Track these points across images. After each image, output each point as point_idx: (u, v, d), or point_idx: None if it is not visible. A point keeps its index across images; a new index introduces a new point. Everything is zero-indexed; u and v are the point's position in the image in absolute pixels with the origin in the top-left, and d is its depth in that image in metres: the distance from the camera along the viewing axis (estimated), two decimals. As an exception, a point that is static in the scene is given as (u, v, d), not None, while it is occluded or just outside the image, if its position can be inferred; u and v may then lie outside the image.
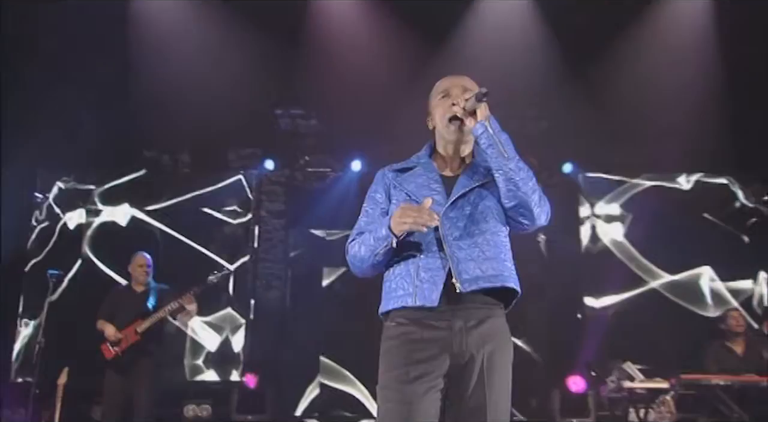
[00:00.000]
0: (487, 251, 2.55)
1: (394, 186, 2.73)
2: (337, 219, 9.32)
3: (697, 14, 7.72)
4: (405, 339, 2.51)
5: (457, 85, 2.76)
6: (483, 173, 2.70)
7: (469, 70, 8.06)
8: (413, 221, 2.42)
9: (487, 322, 2.53)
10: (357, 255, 2.62)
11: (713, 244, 9.43)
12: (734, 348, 6.92)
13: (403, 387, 2.44)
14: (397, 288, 2.56)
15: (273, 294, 9.22)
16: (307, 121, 9.53)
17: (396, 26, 7.84)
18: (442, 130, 2.74)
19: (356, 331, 9.01)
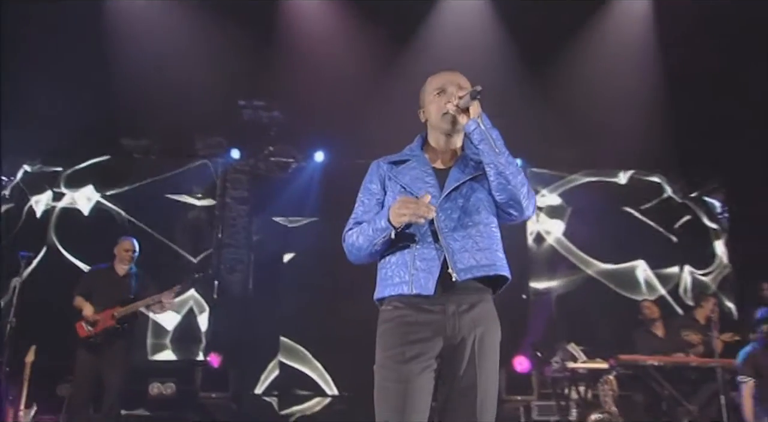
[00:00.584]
0: (480, 242, 2.57)
1: (389, 178, 2.73)
2: (298, 208, 9.40)
3: (639, 21, 7.81)
4: (400, 321, 2.53)
5: (452, 82, 2.75)
6: (473, 167, 2.72)
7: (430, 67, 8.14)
8: (412, 213, 2.44)
9: (478, 306, 2.56)
10: (355, 245, 2.64)
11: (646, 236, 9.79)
12: (656, 332, 7.33)
13: (400, 366, 2.47)
14: (393, 276, 2.58)
15: (236, 278, 9.16)
16: (270, 112, 9.42)
17: (360, 24, 7.82)
18: (437, 124, 2.75)
19: (315, 314, 9.13)
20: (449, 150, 2.79)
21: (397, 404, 2.45)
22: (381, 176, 2.77)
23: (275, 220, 9.60)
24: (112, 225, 8.96)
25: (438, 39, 7.91)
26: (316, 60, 8.12)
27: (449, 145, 2.78)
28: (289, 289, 9.40)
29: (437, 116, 2.73)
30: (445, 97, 2.71)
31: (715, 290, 9.57)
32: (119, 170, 9.37)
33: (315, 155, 9.41)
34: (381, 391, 2.51)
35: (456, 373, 2.51)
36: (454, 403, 2.52)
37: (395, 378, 2.47)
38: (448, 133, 2.75)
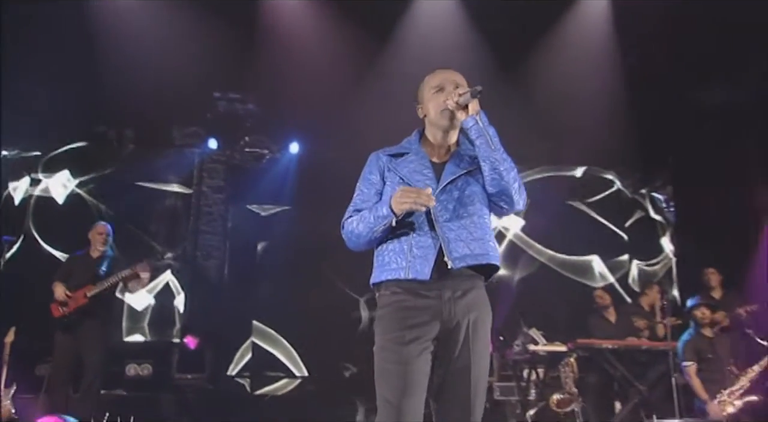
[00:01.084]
0: (474, 232, 2.62)
1: (389, 169, 2.76)
2: (272, 197, 9.43)
3: (599, 22, 7.87)
4: (399, 306, 2.57)
5: (450, 81, 2.78)
6: (468, 161, 2.76)
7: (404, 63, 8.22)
8: (413, 201, 2.47)
9: (472, 292, 2.62)
10: (354, 232, 2.66)
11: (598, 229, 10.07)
12: (608, 318, 7.55)
13: (400, 348, 2.51)
14: (390, 262, 2.61)
15: (212, 264, 9.14)
16: (245, 105, 9.43)
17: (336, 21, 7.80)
18: (435, 120, 2.78)
19: (287, 299, 9.18)
20: (445, 145, 2.82)
21: (398, 384, 2.49)
22: (380, 167, 2.78)
23: (250, 209, 9.59)
24: (87, 213, 8.82)
25: (412, 36, 7.93)
26: (293, 55, 8.07)
27: (445, 141, 2.82)
28: (263, 275, 9.46)
29: (436, 112, 2.76)
30: (444, 95, 2.74)
31: (661, 279, 9.90)
32: (96, 158, 9.22)
33: (290, 146, 9.42)
34: (382, 372, 2.55)
35: (451, 355, 2.57)
36: (450, 384, 2.57)
37: (396, 359, 2.51)
38: (446, 129, 2.78)
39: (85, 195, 9.13)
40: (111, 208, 8.88)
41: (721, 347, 6.14)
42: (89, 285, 6.24)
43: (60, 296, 6.21)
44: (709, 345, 6.13)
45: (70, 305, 6.21)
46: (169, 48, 7.87)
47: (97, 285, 6.24)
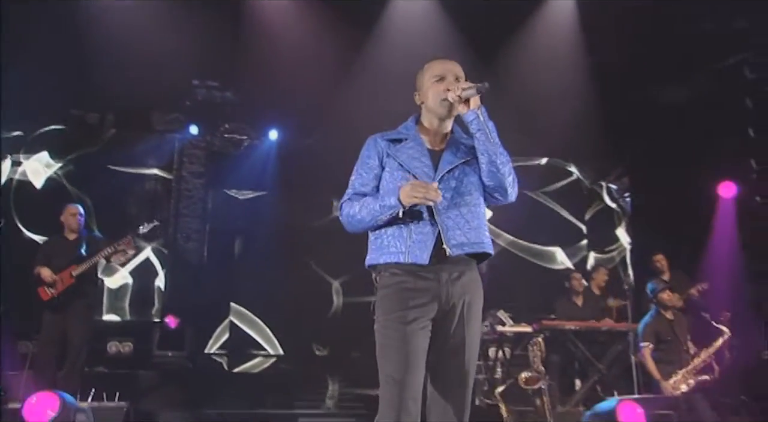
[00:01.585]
0: (471, 221, 2.65)
1: (388, 154, 2.74)
2: (251, 182, 9.45)
3: (566, 21, 7.97)
4: (400, 287, 2.59)
5: (450, 72, 2.78)
6: (464, 151, 2.77)
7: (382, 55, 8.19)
8: (423, 196, 2.50)
9: (466, 275, 2.66)
10: (356, 217, 2.66)
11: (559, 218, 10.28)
12: (577, 301, 7.72)
13: (403, 328, 2.54)
14: (389, 246, 2.63)
15: (192, 246, 9.11)
16: (223, 93, 9.39)
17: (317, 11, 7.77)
18: (433, 108, 2.76)
19: (263, 280, 9.21)
20: (441, 132, 2.81)
21: (401, 362, 2.52)
22: (379, 152, 2.76)
23: (229, 193, 9.59)
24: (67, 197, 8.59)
25: (392, 29, 7.92)
26: (274, 44, 7.98)
27: (441, 128, 2.80)
28: (241, 258, 9.52)
29: (435, 101, 2.75)
30: (444, 85, 2.73)
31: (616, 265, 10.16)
32: (77, 141, 9.07)
33: (270, 133, 9.39)
34: (384, 350, 2.58)
35: (447, 334, 2.61)
36: (446, 362, 2.62)
37: (399, 337, 2.54)
38: (443, 118, 2.78)
39: (65, 179, 8.98)
40: (91, 192, 8.71)
41: (680, 329, 6.30)
42: (73, 266, 6.19)
43: (47, 278, 6.15)
44: (669, 327, 6.28)
45: (57, 287, 6.17)
46: (150, 35, 7.72)
47: (82, 264, 6.20)
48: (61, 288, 6.17)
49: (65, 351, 6.24)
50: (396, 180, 2.67)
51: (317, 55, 7.89)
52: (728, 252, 8.09)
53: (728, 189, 8.56)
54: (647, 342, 6.29)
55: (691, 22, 8.10)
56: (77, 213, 6.48)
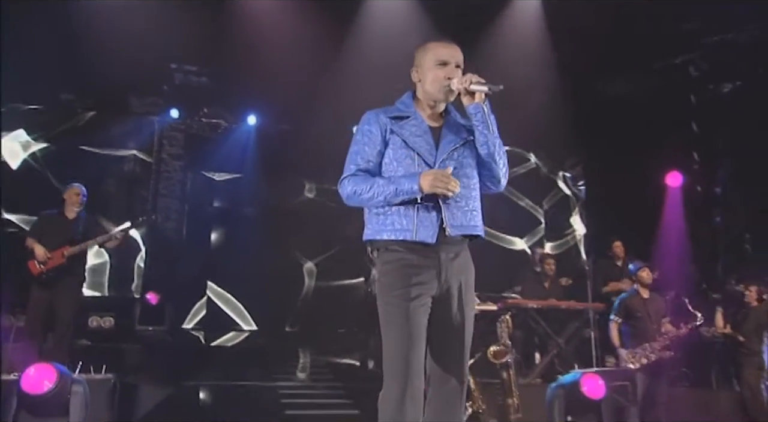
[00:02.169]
0: (469, 204, 2.65)
1: (392, 131, 2.66)
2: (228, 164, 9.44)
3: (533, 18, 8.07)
4: (402, 264, 2.57)
5: (454, 58, 2.71)
6: (462, 132, 2.73)
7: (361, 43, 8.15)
8: (444, 187, 2.49)
9: (461, 255, 2.66)
10: (364, 195, 2.58)
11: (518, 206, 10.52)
12: (544, 283, 7.94)
13: (407, 304, 2.52)
14: (394, 223, 2.58)
15: (171, 225, 9.06)
16: (199, 77, 9.30)
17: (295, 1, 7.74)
18: (432, 90, 2.70)
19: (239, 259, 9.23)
20: (437, 110, 2.77)
21: (403, 337, 2.51)
22: (382, 127, 2.67)
23: (207, 175, 9.55)
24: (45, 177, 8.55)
25: (370, 19, 7.92)
26: (253, 31, 7.86)
27: (438, 107, 2.76)
28: (218, 237, 9.52)
29: (435, 84, 2.69)
30: (446, 71, 2.68)
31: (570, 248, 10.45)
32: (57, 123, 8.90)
33: (248, 119, 9.35)
34: (388, 326, 2.56)
35: (447, 311, 2.61)
36: (444, 340, 2.61)
37: (401, 314, 2.52)
38: (439, 100, 2.74)
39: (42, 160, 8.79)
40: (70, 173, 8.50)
41: (652, 307, 6.48)
42: (66, 246, 6.15)
43: (40, 256, 6.09)
44: (642, 305, 6.47)
45: (48, 264, 6.11)
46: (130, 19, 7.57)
47: (76, 246, 6.17)
48: (51, 266, 6.12)
49: (53, 325, 6.20)
50: (401, 158, 2.63)
51: (295, 44, 7.78)
52: (677, 237, 8.43)
53: (675, 178, 8.90)
54: (617, 316, 6.56)
55: (645, 22, 8.31)
56: (81, 194, 6.40)
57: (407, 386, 2.47)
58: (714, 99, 9.14)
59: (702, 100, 9.35)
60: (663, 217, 8.68)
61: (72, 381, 4.70)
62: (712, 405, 7.20)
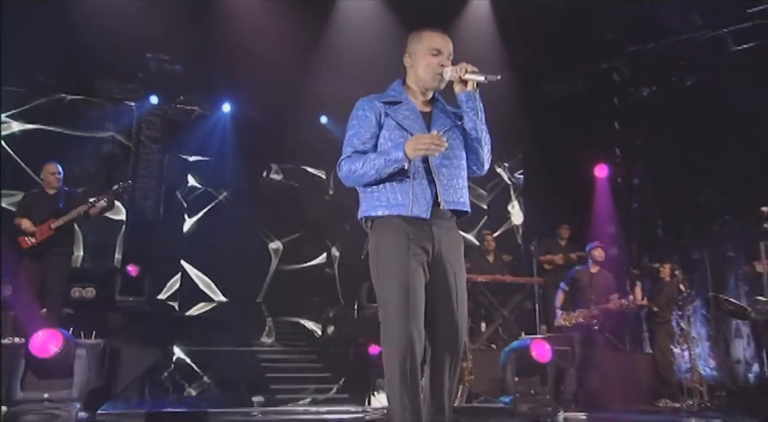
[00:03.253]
0: (459, 182, 2.59)
1: (386, 114, 2.58)
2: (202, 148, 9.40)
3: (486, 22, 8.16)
4: (399, 229, 2.47)
5: (447, 48, 2.66)
6: (451, 116, 2.67)
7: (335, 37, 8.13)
8: (427, 147, 2.39)
9: (452, 231, 2.59)
10: (358, 172, 2.50)
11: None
12: (488, 258, 8.25)
13: (406, 260, 2.42)
14: (389, 199, 2.50)
15: (149, 204, 8.97)
16: (173, 66, 9.21)
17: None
18: (424, 78, 2.65)
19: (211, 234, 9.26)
20: (427, 96, 2.71)
21: (403, 292, 2.39)
22: (377, 112, 2.59)
23: (182, 157, 9.49)
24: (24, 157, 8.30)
25: (341, 15, 7.92)
26: (228, 24, 7.79)
27: (427, 95, 2.70)
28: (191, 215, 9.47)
29: (428, 71, 2.63)
30: (439, 60, 2.62)
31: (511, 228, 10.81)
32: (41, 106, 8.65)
33: (222, 106, 9.28)
34: (387, 284, 2.43)
35: (442, 281, 2.51)
36: (441, 311, 2.50)
37: (401, 272, 2.42)
38: (430, 87, 2.68)
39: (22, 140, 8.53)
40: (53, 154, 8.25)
41: (597, 281, 6.88)
42: (52, 219, 6.07)
43: (28, 229, 6.01)
44: (588, 279, 6.88)
45: (36, 237, 6.03)
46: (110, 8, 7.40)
47: (60, 218, 6.09)
48: (40, 239, 6.04)
49: (44, 294, 6.14)
50: (395, 138, 2.54)
51: (267, 37, 7.64)
52: (607, 222, 8.88)
53: (602, 170, 9.33)
54: (565, 285, 6.97)
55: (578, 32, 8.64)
56: (56, 172, 6.29)
57: (410, 342, 2.35)
58: (634, 101, 9.50)
59: (623, 102, 9.73)
60: (594, 204, 9.10)
61: (76, 345, 4.71)
62: (628, 365, 7.72)
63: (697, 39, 8.41)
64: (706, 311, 8.21)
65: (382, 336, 2.42)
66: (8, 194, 7.98)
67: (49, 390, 4.53)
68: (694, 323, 8.15)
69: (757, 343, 7.44)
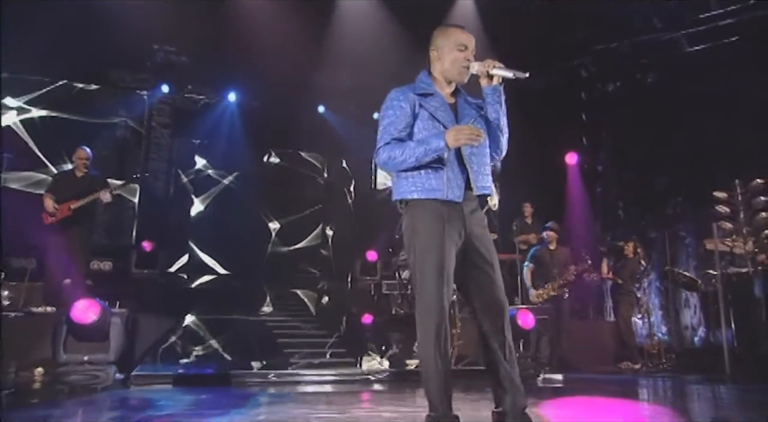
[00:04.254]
0: (486, 169, 2.62)
1: (420, 105, 2.57)
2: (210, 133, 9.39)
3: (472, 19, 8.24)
4: (438, 217, 2.48)
5: (471, 44, 2.65)
6: (475, 108, 2.68)
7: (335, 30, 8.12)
8: (467, 137, 2.42)
9: (478, 211, 2.59)
10: (397, 158, 2.50)
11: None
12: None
13: (442, 233, 2.45)
14: (424, 184, 2.51)
15: (160, 185, 8.98)
16: (179, 57, 9.16)
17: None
18: (449, 71, 2.64)
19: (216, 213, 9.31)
20: (451, 88, 2.70)
21: (440, 281, 2.41)
22: (412, 103, 2.58)
23: (190, 142, 9.49)
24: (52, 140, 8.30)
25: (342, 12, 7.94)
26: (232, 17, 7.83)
27: (451, 86, 2.70)
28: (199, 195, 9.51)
29: (455, 65, 2.62)
30: (465, 55, 2.62)
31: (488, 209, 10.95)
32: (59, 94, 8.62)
33: (228, 95, 9.28)
34: (427, 271, 2.43)
35: (478, 252, 2.53)
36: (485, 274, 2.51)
37: (437, 245, 2.44)
38: (455, 80, 2.67)
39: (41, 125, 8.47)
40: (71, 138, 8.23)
41: (558, 257, 7.10)
42: (73, 200, 6.11)
43: (49, 208, 6.06)
44: (549, 255, 7.08)
45: (57, 216, 6.08)
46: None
47: (79, 201, 6.13)
48: (59, 217, 6.08)
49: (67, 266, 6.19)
50: (428, 128, 2.55)
51: (272, 31, 7.66)
52: (580, 203, 9.14)
53: (572, 157, 9.58)
54: (530, 263, 7.15)
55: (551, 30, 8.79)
56: (84, 158, 6.33)
57: (442, 322, 2.39)
58: (599, 96, 9.73)
59: (590, 96, 9.98)
60: (567, 188, 9.35)
61: (111, 314, 4.81)
62: (593, 331, 8.03)
63: (657, 40, 8.70)
64: (660, 284, 8.57)
65: (418, 306, 2.44)
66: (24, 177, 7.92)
67: (88, 353, 4.63)
68: (650, 294, 8.53)
69: (704, 312, 7.76)
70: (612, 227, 9.48)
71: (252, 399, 4.15)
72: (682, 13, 8.40)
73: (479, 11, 8.31)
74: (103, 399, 4.13)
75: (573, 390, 4.76)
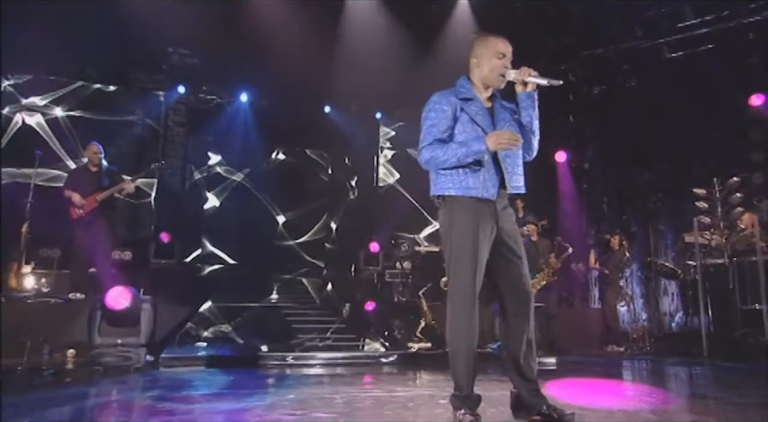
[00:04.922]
0: (519, 170, 2.66)
1: (461, 109, 2.60)
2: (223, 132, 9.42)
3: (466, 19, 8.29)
4: (473, 212, 2.52)
5: (509, 52, 2.69)
6: (509, 112, 2.71)
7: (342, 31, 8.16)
8: (508, 142, 2.47)
9: (508, 207, 2.65)
10: (440, 158, 2.52)
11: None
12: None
13: (477, 231, 2.50)
14: (461, 182, 2.55)
15: (175, 180, 9.00)
16: (192, 59, 9.18)
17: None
18: (488, 77, 2.67)
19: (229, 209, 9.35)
20: (488, 93, 2.73)
21: (474, 272, 2.47)
22: (453, 107, 2.60)
23: (204, 140, 9.51)
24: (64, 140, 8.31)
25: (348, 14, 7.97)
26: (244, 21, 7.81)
27: (489, 91, 2.72)
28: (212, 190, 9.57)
29: (493, 72, 2.66)
30: (503, 62, 2.66)
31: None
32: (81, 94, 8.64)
33: (240, 96, 9.31)
34: (462, 262, 2.49)
35: (508, 245, 2.59)
36: (514, 266, 2.59)
37: (472, 242, 2.49)
38: (492, 86, 2.71)
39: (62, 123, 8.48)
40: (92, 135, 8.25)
41: (541, 247, 7.17)
42: (97, 192, 6.15)
43: (78, 202, 6.08)
44: (533, 246, 7.14)
45: (85, 208, 6.11)
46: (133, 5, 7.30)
47: (104, 192, 6.17)
48: (88, 210, 6.12)
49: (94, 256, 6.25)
50: (468, 131, 2.57)
51: (281, 34, 7.68)
52: (569, 199, 9.27)
53: (561, 156, 9.71)
54: None
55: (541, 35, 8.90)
56: (98, 152, 6.35)
57: (474, 309, 2.47)
58: (586, 98, 9.84)
59: (577, 98, 10.09)
60: (558, 185, 9.48)
61: (142, 301, 4.88)
62: (581, 317, 8.19)
63: (638, 47, 8.81)
64: (642, 274, 8.75)
65: (450, 294, 2.51)
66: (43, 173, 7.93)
67: (121, 337, 4.71)
68: (632, 283, 8.70)
69: (682, 299, 7.93)
70: (597, 221, 9.63)
71: (278, 380, 4.25)
72: (661, 21, 8.53)
73: (475, 16, 8.34)
74: (136, 379, 4.22)
75: (568, 372, 4.89)
